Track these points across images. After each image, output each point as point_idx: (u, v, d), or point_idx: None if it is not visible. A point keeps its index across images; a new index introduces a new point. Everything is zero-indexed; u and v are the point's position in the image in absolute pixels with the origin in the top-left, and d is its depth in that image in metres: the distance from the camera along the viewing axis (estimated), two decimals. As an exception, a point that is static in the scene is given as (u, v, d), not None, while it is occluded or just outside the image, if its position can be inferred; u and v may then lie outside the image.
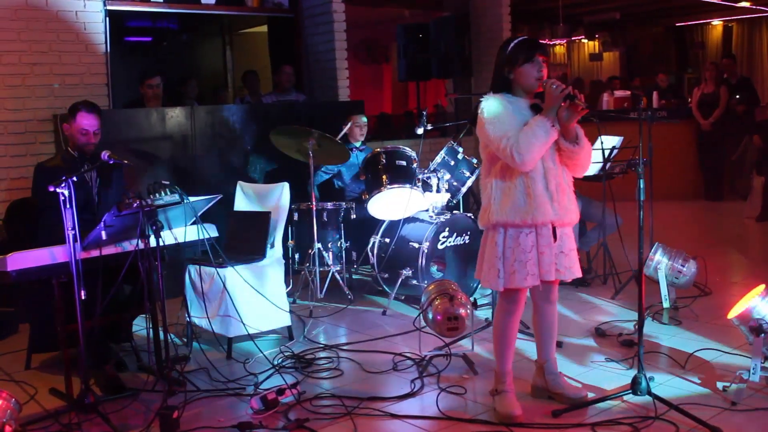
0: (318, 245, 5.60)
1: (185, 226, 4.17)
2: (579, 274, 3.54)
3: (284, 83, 7.71)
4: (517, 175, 3.36)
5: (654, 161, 5.55)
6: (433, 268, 5.39)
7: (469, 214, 5.66)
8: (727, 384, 3.69)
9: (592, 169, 5.60)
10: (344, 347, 4.63)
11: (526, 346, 4.30)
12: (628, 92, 11.71)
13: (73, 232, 3.48)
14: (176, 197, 3.82)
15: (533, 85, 3.41)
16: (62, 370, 3.87)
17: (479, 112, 3.43)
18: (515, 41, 3.45)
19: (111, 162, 4.05)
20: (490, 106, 3.40)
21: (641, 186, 3.50)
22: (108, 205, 4.41)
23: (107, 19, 6.34)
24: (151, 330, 4.04)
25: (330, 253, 5.78)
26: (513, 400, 3.52)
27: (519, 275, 3.38)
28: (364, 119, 6.37)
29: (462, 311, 4.08)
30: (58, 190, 3.43)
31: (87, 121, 4.34)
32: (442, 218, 5.45)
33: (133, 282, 4.13)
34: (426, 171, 5.64)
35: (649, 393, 3.46)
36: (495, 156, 3.40)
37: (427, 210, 5.63)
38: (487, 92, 3.51)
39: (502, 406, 3.50)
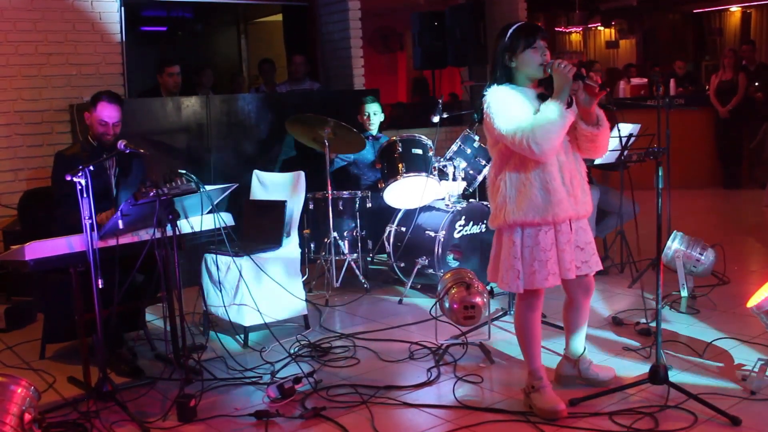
0: (334, 234, 5.59)
1: (201, 215, 4.17)
2: (599, 266, 3.44)
3: (295, 73, 7.71)
4: (532, 169, 3.19)
5: (671, 149, 5.49)
6: (450, 257, 5.38)
7: (485, 203, 5.63)
8: (746, 373, 3.66)
9: (610, 157, 5.55)
10: (360, 336, 4.62)
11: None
12: (645, 80, 11.62)
13: (90, 221, 3.48)
14: (192, 186, 3.82)
15: (538, 71, 3.23)
16: (78, 359, 3.90)
17: (485, 107, 3.25)
18: (513, 27, 3.27)
19: (127, 151, 4.02)
20: (497, 98, 3.22)
21: (660, 173, 3.41)
22: (126, 194, 4.41)
23: (122, 8, 6.35)
24: (167, 319, 4.06)
25: (346, 242, 5.77)
26: (553, 395, 3.37)
27: (539, 275, 3.25)
28: (372, 107, 6.28)
29: (478, 300, 4.06)
30: (75, 179, 3.43)
31: (107, 112, 4.31)
32: (459, 207, 5.43)
33: (150, 271, 4.14)
34: (442, 159, 5.61)
35: (667, 382, 3.42)
36: (507, 152, 3.24)
37: (443, 198, 5.61)
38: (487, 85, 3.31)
39: (543, 402, 3.34)
